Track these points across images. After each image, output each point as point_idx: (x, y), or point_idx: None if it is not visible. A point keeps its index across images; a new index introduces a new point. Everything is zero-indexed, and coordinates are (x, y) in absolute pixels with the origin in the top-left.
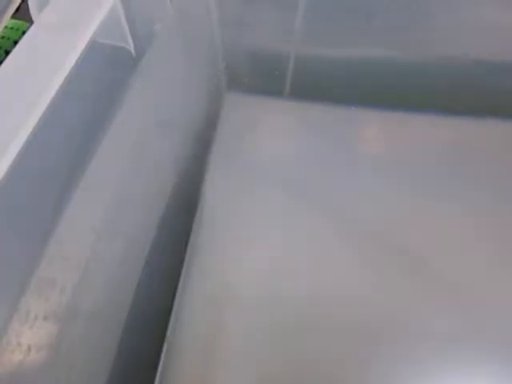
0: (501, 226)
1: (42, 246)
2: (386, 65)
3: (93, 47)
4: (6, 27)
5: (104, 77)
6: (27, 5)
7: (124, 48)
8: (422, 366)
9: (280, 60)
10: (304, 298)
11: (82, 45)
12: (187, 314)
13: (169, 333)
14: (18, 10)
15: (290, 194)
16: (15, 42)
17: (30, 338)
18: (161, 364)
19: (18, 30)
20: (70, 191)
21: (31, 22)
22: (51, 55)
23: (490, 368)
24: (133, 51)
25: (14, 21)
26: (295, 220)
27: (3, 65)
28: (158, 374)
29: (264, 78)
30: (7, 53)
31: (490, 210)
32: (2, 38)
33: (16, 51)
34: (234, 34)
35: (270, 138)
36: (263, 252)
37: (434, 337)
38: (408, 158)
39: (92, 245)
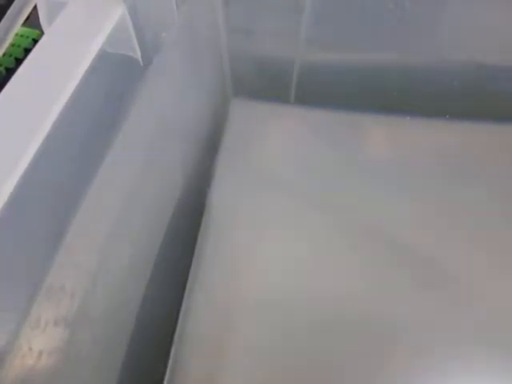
0: (501, 227)
1: (52, 253)
2: (390, 70)
3: (102, 57)
4: (16, 35)
5: (113, 86)
6: (37, 13)
7: (132, 57)
8: (422, 365)
9: (286, 66)
10: (312, 298)
11: (91, 55)
12: (195, 317)
13: (176, 336)
14: (28, 18)
15: (295, 198)
16: (25, 50)
17: (41, 343)
18: (169, 367)
19: (28, 37)
20: (79, 198)
21: (41, 29)
22: (62, 65)
23: (491, 368)
24: (140, 60)
25: (24, 28)
26: (302, 222)
27: (16, 74)
28: (167, 377)
29: (270, 83)
30: (17, 60)
31: (491, 211)
32: (13, 45)
33: (28, 61)
34: (240, 40)
35: (276, 143)
36: (269, 254)
37: (435, 337)
38: (410, 161)
39: (101, 251)
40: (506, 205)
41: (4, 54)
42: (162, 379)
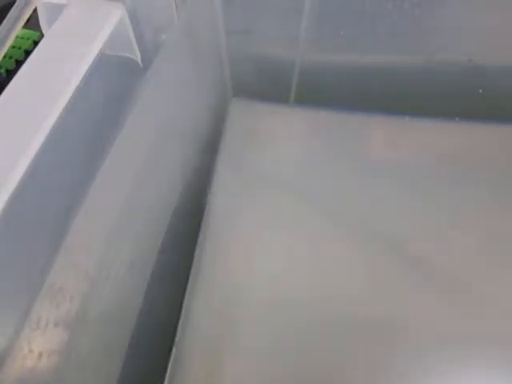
0: (501, 227)
1: (52, 254)
2: (390, 71)
3: (101, 59)
4: (16, 36)
5: (112, 88)
6: (37, 15)
7: (131, 59)
8: (421, 364)
9: (285, 67)
10: (312, 298)
11: (91, 56)
12: (195, 319)
13: (177, 338)
14: (28, 20)
15: (295, 198)
16: (26, 51)
17: (41, 344)
18: (169, 367)
19: (28, 39)
20: (79, 200)
21: (41, 31)
22: (62, 67)
23: (491, 368)
24: (140, 62)
25: (24, 30)
26: (301, 222)
27: (16, 76)
28: (167, 377)
29: (269, 84)
30: (18, 62)
31: (491, 212)
32: (13, 47)
33: (29, 63)
34: (239, 41)
35: (276, 144)
36: (269, 254)
37: (435, 337)
38: (410, 161)
39: (101, 253)
40: (506, 205)
41: (4, 56)
42: (163, 379)
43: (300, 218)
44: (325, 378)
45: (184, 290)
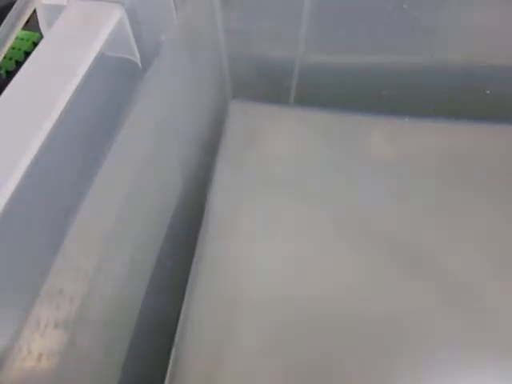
0: (501, 227)
1: (51, 256)
2: (390, 71)
3: (100, 60)
4: (16, 38)
5: (112, 88)
6: (37, 16)
7: (131, 60)
8: (421, 365)
9: (285, 68)
10: (312, 298)
11: (90, 57)
12: (195, 319)
13: (177, 338)
14: (27, 21)
15: (295, 199)
16: (26, 53)
17: (41, 345)
18: (169, 368)
19: (28, 40)
20: (78, 201)
21: (40, 32)
22: (61, 67)
23: (490, 369)
24: (139, 63)
25: (24, 32)
26: (301, 223)
27: (16, 77)
28: (167, 378)
29: (269, 85)
30: (18, 63)
31: (491, 212)
32: (13, 48)
33: (28, 64)
34: (239, 42)
35: (276, 145)
36: (269, 254)
37: (435, 337)
38: (410, 161)
39: (101, 253)
40: (506, 205)
41: (4, 57)
42: (163, 379)
43: (300, 218)
44: (325, 377)
45: (184, 290)
